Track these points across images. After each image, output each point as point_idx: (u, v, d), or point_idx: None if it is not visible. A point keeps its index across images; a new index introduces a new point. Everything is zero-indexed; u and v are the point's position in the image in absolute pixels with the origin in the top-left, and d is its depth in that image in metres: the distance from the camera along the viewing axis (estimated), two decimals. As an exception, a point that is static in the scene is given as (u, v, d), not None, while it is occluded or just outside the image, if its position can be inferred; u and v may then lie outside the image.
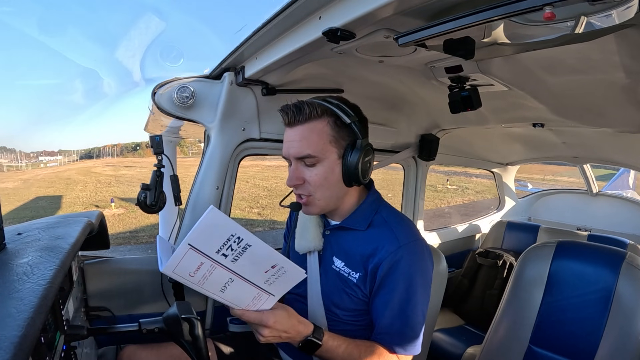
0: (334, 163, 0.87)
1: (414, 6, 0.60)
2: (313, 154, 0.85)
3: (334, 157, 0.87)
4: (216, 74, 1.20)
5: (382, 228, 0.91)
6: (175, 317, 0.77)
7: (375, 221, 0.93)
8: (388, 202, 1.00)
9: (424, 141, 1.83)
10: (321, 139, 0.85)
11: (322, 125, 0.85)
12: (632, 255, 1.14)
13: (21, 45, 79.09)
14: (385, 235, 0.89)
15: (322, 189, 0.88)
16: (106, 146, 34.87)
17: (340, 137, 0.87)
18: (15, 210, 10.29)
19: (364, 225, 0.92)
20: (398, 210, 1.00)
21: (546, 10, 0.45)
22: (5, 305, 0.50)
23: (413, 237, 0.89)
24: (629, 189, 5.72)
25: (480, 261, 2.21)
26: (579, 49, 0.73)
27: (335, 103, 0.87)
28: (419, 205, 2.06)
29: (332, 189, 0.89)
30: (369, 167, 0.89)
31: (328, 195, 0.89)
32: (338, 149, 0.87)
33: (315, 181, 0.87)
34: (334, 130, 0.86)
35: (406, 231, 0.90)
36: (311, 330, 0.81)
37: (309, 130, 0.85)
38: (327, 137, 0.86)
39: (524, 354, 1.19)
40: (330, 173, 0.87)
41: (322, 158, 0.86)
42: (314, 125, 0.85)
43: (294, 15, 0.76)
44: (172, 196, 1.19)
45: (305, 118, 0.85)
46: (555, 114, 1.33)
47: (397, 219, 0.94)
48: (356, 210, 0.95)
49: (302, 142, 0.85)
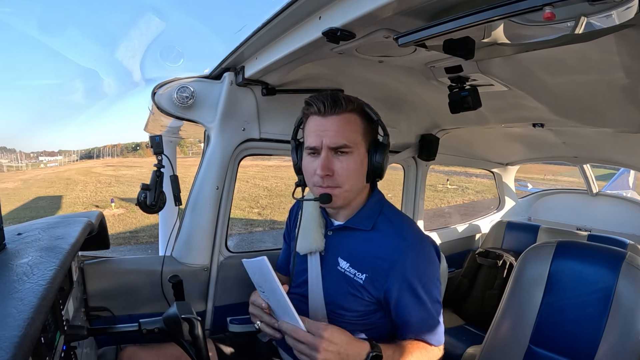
0: (363, 156, 0.89)
1: (414, 6, 0.60)
2: (348, 144, 0.86)
3: (363, 150, 0.90)
4: (216, 74, 1.20)
5: (388, 228, 0.92)
6: (175, 317, 0.77)
7: (380, 221, 0.93)
8: (390, 202, 1.01)
9: (424, 141, 1.83)
10: (356, 131, 0.88)
11: (356, 117, 0.89)
12: (632, 255, 1.14)
13: (21, 45, 79.10)
14: (392, 236, 0.90)
15: (351, 180, 0.89)
16: (106, 146, 34.85)
17: (368, 132, 0.90)
18: (15, 210, 10.29)
19: (368, 225, 0.93)
20: (400, 210, 1.01)
21: (546, 10, 0.45)
22: (5, 305, 0.50)
23: (418, 235, 0.92)
24: (629, 189, 5.72)
25: (480, 261, 2.21)
26: (579, 49, 0.73)
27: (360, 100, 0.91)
28: (419, 205, 2.06)
29: (357, 181, 0.90)
30: (385, 164, 0.92)
31: (354, 187, 0.91)
32: (366, 143, 0.90)
33: (346, 171, 0.88)
34: (364, 124, 0.89)
35: (411, 231, 0.92)
36: (370, 346, 0.78)
37: (345, 121, 0.87)
38: (360, 129, 0.89)
39: (524, 354, 1.19)
40: (360, 165, 0.89)
41: (354, 150, 0.88)
42: (350, 116, 0.88)
43: (294, 15, 0.76)
44: (172, 196, 1.19)
45: (341, 109, 0.87)
46: (555, 114, 1.33)
47: (400, 219, 0.95)
48: (361, 209, 0.95)
49: (338, 132, 0.86)
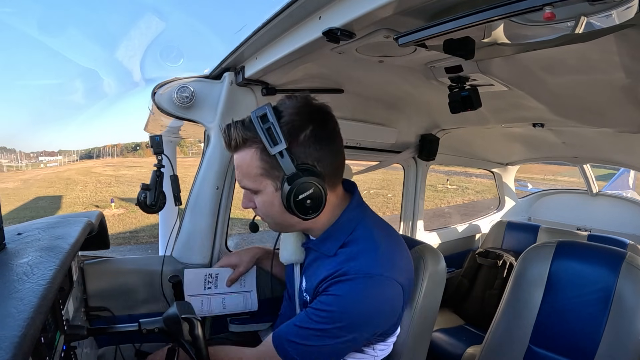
0: (271, 196, 0.77)
1: (414, 6, 0.60)
2: (248, 187, 0.78)
3: (271, 189, 0.76)
4: (216, 74, 1.20)
5: (345, 254, 0.78)
6: (175, 317, 0.77)
7: (350, 242, 0.79)
8: (373, 215, 0.87)
9: (424, 141, 1.83)
10: (251, 170, 0.76)
11: (250, 155, 0.75)
12: (632, 255, 1.14)
13: (21, 45, 79.17)
14: (342, 261, 0.77)
15: (270, 217, 0.81)
16: (106, 146, 34.77)
17: (272, 167, 0.74)
18: (15, 210, 10.29)
19: (332, 249, 0.80)
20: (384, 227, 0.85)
21: (546, 10, 0.45)
22: (5, 305, 0.50)
23: (372, 270, 0.74)
24: (629, 189, 5.72)
25: (480, 261, 2.21)
26: (579, 49, 0.73)
27: (269, 122, 0.71)
28: (419, 205, 2.06)
29: (281, 218, 0.79)
30: (311, 202, 0.73)
31: (280, 222, 0.81)
32: (273, 180, 0.75)
33: (260, 209, 0.81)
34: (262, 161, 0.74)
35: (368, 262, 0.75)
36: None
37: (240, 160, 0.77)
38: (256, 169, 0.75)
39: (524, 354, 1.19)
40: (270, 205, 0.78)
41: (259, 189, 0.77)
42: (244, 154, 0.76)
43: (294, 15, 0.76)
44: (172, 196, 1.18)
45: (234, 145, 0.76)
46: (555, 114, 1.33)
47: (368, 244, 0.78)
48: (330, 228, 0.82)
49: (238, 172, 0.78)
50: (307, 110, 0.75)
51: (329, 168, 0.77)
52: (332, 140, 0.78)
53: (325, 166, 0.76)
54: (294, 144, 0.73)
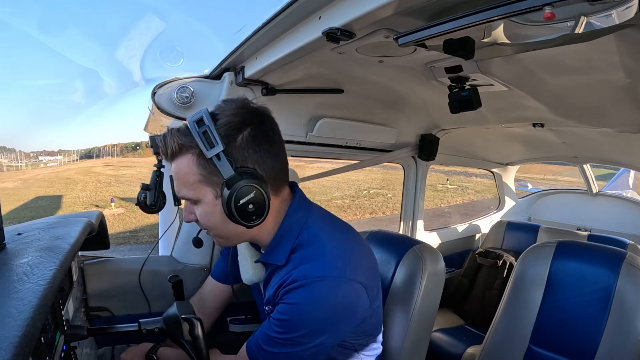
0: (212, 205, 0.74)
1: (414, 6, 0.60)
2: (187, 196, 0.75)
3: (210, 197, 0.73)
4: (216, 74, 1.20)
5: (296, 260, 0.76)
6: (175, 317, 0.77)
7: (296, 249, 0.77)
8: (322, 214, 0.84)
9: (424, 141, 1.83)
10: (189, 178, 0.73)
11: (187, 161, 0.72)
12: (632, 255, 1.14)
13: (21, 45, 79.16)
14: (293, 268, 0.75)
15: (213, 228, 0.77)
16: (106, 146, 34.84)
17: (210, 173, 0.71)
18: (15, 210, 10.29)
19: (282, 258, 0.78)
20: (332, 227, 0.82)
21: (546, 10, 0.45)
22: (5, 305, 0.50)
23: (324, 273, 0.72)
24: (629, 189, 5.72)
25: (480, 261, 2.21)
26: (579, 49, 0.73)
27: (205, 126, 0.69)
28: (419, 205, 2.06)
29: (224, 229, 0.76)
30: (254, 207, 0.70)
31: (224, 234, 0.78)
32: (213, 187, 0.73)
33: (202, 221, 0.77)
34: (200, 167, 0.72)
35: (318, 265, 0.73)
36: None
37: (177, 168, 0.74)
38: (193, 176, 0.72)
39: (524, 354, 1.19)
40: (211, 215, 0.75)
41: (199, 199, 0.74)
42: (180, 162, 0.73)
43: (294, 15, 0.76)
44: (172, 196, 1.18)
45: (170, 153, 0.73)
46: (555, 114, 1.33)
47: (316, 245, 0.76)
48: (275, 236, 0.79)
49: (176, 181, 0.75)
50: (245, 112, 0.73)
51: (270, 171, 0.74)
52: (271, 141, 0.75)
53: (266, 169, 0.74)
54: (232, 146, 0.70)
